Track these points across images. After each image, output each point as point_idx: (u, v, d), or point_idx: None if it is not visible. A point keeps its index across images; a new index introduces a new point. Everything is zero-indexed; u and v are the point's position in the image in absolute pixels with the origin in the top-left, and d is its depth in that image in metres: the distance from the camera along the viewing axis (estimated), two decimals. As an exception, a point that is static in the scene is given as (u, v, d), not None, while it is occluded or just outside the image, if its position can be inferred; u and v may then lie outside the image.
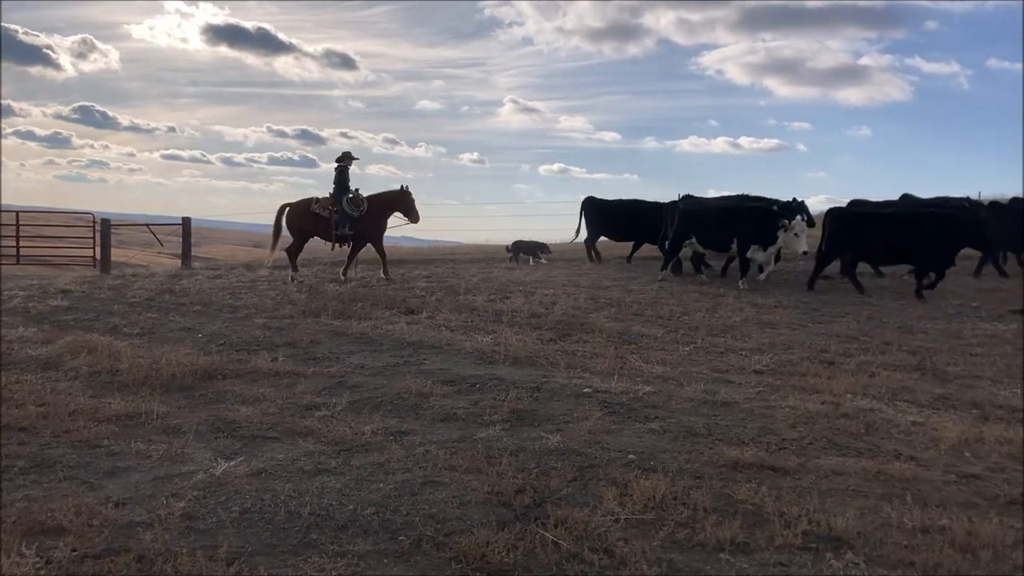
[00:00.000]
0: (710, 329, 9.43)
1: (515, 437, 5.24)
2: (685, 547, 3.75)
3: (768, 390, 6.66)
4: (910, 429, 5.63)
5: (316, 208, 14.10)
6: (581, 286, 13.08)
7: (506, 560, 3.55)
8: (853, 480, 4.61)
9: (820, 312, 11.00)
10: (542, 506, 4.14)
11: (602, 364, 7.31)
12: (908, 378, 7.22)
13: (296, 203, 14.50)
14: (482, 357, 7.50)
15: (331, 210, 14.00)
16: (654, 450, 5.04)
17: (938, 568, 3.56)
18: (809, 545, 3.77)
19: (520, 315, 9.86)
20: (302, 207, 14.30)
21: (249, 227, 73.54)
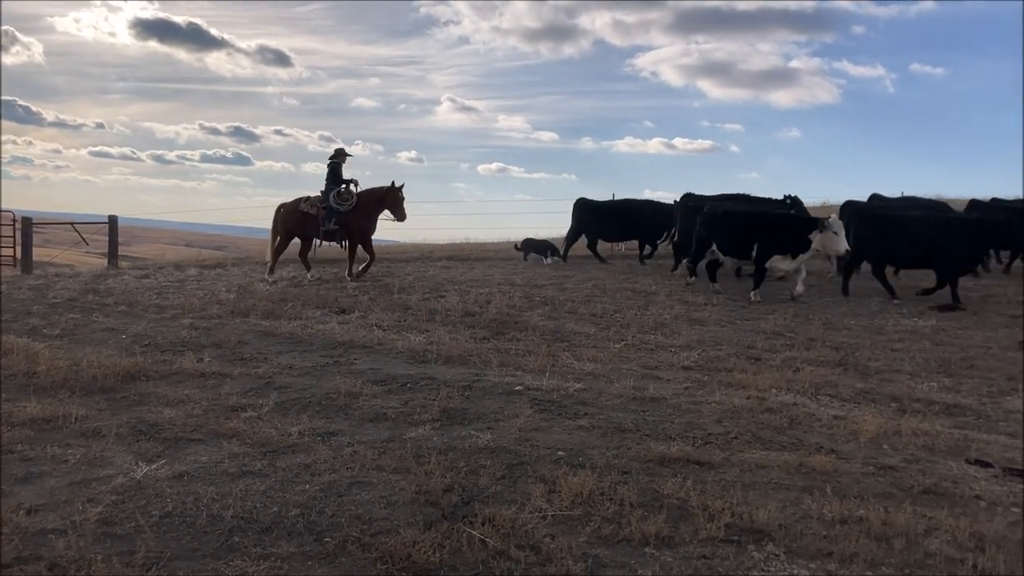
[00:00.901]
0: (641, 326, 9.54)
1: (445, 436, 5.22)
2: (611, 542, 3.78)
3: (696, 386, 6.77)
4: (831, 423, 5.77)
5: (304, 207, 13.83)
6: (516, 285, 13.11)
7: (432, 559, 3.53)
8: (775, 473, 4.70)
9: (748, 309, 11.22)
10: (470, 504, 4.13)
11: (534, 362, 7.34)
12: (831, 373, 7.41)
13: (288, 204, 14.20)
14: (414, 356, 7.47)
15: (319, 207, 13.71)
16: (583, 446, 5.08)
17: (854, 558, 3.66)
18: (732, 537, 3.84)
19: (454, 314, 9.85)
20: (292, 207, 14.02)
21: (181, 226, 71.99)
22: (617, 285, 13.28)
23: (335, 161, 14.14)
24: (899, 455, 5.16)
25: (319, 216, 13.66)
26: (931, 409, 6.30)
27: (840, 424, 5.72)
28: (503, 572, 3.45)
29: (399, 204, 13.80)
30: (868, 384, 7.10)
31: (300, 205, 13.89)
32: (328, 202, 13.62)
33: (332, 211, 13.57)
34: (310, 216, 13.77)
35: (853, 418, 5.85)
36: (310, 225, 13.87)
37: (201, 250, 30.57)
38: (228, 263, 16.60)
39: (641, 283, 13.63)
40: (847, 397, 6.63)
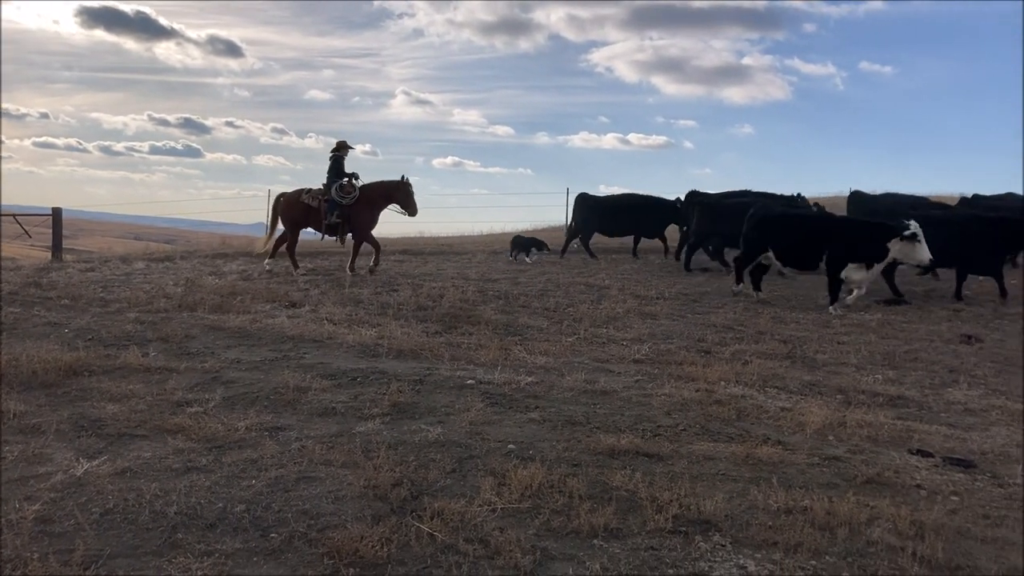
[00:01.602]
0: (593, 320, 9.58)
1: (395, 430, 5.19)
2: (560, 534, 3.79)
3: (646, 379, 6.82)
4: (779, 414, 5.85)
5: (306, 199, 13.65)
6: (470, 279, 13.09)
7: (380, 554, 3.50)
8: (723, 464, 4.76)
9: (699, 303, 11.34)
10: (419, 498, 4.11)
11: (486, 356, 7.33)
12: (779, 366, 7.52)
13: (289, 193, 14.01)
14: (365, 350, 7.41)
15: (320, 199, 13.54)
16: (534, 439, 5.08)
17: (798, 547, 3.71)
18: (679, 528, 3.87)
19: (407, 308, 9.80)
20: (294, 198, 13.82)
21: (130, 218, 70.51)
22: (571, 279, 13.33)
23: (337, 154, 14.01)
24: (844, 446, 5.24)
25: (321, 209, 13.52)
26: (875, 401, 6.43)
27: (787, 416, 5.80)
28: (451, 566, 3.44)
29: (410, 198, 13.72)
30: (815, 376, 7.21)
31: (302, 197, 13.72)
32: (330, 195, 13.47)
33: (334, 204, 13.43)
34: (312, 209, 13.63)
35: (800, 410, 5.94)
36: (312, 217, 13.73)
37: (150, 243, 30.07)
38: (177, 256, 16.29)
39: (595, 277, 13.70)
40: (794, 389, 6.73)
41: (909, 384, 7.10)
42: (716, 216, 15.11)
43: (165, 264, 14.89)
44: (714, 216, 15.17)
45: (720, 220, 14.85)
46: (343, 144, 14.18)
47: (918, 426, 5.78)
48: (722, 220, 14.73)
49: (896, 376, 7.36)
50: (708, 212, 15.38)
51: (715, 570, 3.50)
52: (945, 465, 4.95)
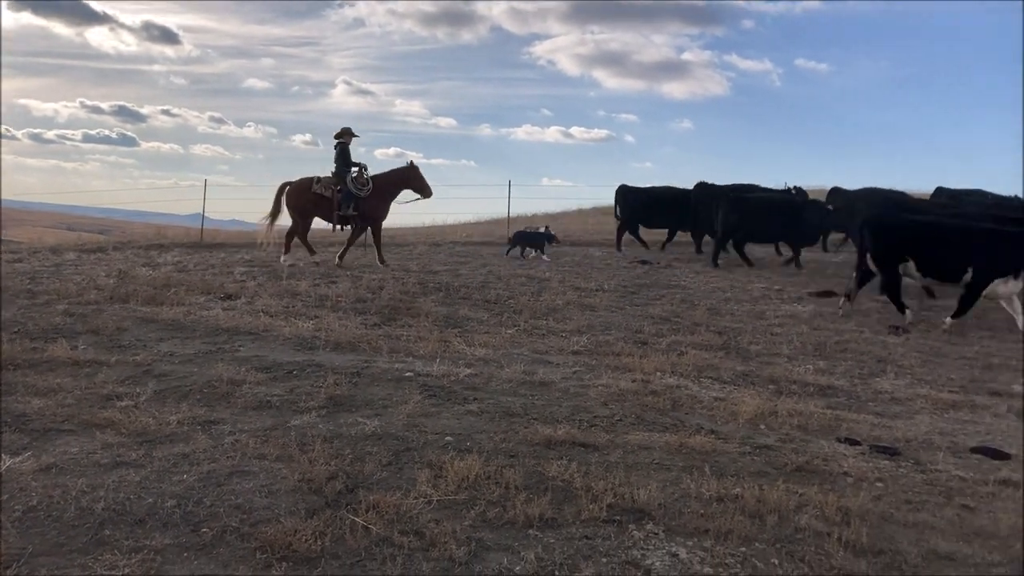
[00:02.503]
0: (534, 312, 9.62)
1: (331, 423, 5.14)
2: (495, 525, 3.80)
3: (584, 370, 6.87)
4: (712, 404, 5.96)
5: (318, 188, 13.37)
6: (411, 271, 13.04)
7: (314, 548, 3.48)
8: (657, 454, 4.82)
9: (638, 295, 11.47)
10: (354, 492, 4.08)
11: (425, 348, 7.31)
12: (714, 356, 7.65)
13: (297, 182, 13.69)
14: (302, 343, 7.32)
15: (334, 189, 13.32)
16: (471, 431, 5.08)
17: (729, 534, 3.78)
18: (613, 518, 3.91)
19: (345, 300, 9.71)
20: (304, 186, 13.51)
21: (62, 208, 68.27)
22: (511, 272, 13.35)
23: (343, 142, 13.81)
24: (775, 435, 5.36)
25: (334, 200, 13.32)
26: (806, 390, 6.59)
27: (720, 406, 5.91)
28: (386, 558, 3.43)
29: (423, 182, 13.81)
30: (748, 367, 7.36)
31: (313, 186, 13.46)
32: (346, 186, 13.31)
33: (350, 196, 13.31)
34: (323, 198, 13.43)
35: (733, 400, 6.05)
36: (322, 207, 13.52)
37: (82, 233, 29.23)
38: (110, 247, 15.90)
39: (536, 270, 13.74)
40: (728, 379, 6.85)
41: (839, 374, 7.28)
42: (746, 211, 15.30)
43: (97, 255, 14.52)
44: (744, 211, 15.30)
45: (749, 216, 15.18)
46: (347, 131, 13.95)
47: (846, 415, 5.94)
48: (752, 216, 15.15)
49: (826, 366, 7.55)
50: (737, 206, 15.47)
51: (648, 558, 3.55)
52: (871, 453, 5.09)
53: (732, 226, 15.27)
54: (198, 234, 19.90)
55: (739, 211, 15.17)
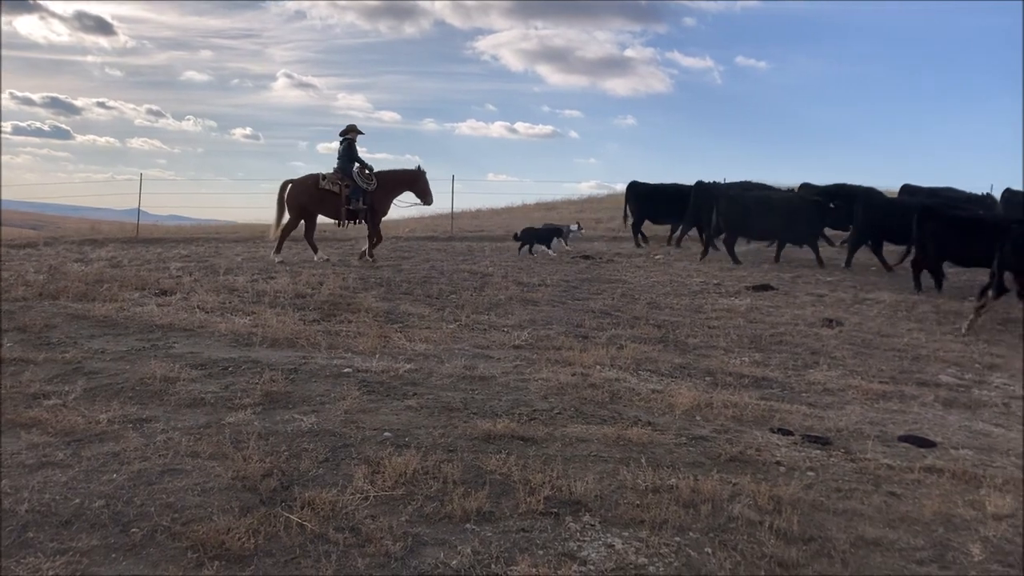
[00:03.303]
0: (476, 307, 9.62)
1: (267, 420, 5.07)
2: (432, 520, 3.79)
3: (525, 364, 6.89)
4: (650, 396, 6.02)
5: (325, 184, 13.35)
6: (352, 266, 12.93)
7: (247, 546, 3.43)
8: (595, 446, 4.86)
9: (579, 290, 11.54)
10: (290, 489, 4.04)
11: (365, 344, 7.25)
12: (652, 350, 7.73)
13: (300, 179, 13.64)
14: (238, 339, 7.21)
15: (342, 185, 13.33)
16: (410, 426, 5.06)
17: (664, 524, 3.83)
18: (551, 510, 3.93)
19: (284, 296, 9.59)
20: (308, 183, 13.46)
21: (-12, 203, 65.91)
22: (455, 267, 13.33)
23: (349, 138, 13.82)
24: (710, 426, 5.44)
25: (342, 194, 13.35)
26: (741, 382, 6.70)
27: (658, 398, 5.98)
28: (320, 555, 3.39)
29: (427, 188, 14.13)
30: (686, 359, 7.45)
31: (320, 183, 13.47)
32: (355, 181, 13.38)
33: (359, 190, 13.41)
34: (330, 194, 13.43)
35: (670, 392, 6.12)
36: (328, 203, 13.49)
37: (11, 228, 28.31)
38: (40, 242, 15.46)
39: (479, 264, 13.74)
40: (666, 372, 6.93)
41: (773, 366, 7.42)
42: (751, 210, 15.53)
43: (27, 251, 14.12)
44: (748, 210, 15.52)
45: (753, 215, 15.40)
46: (353, 127, 14.00)
47: (780, 406, 6.05)
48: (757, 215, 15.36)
49: (762, 358, 7.68)
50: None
51: (584, 549, 3.58)
52: (803, 442, 5.20)
53: (734, 223, 15.50)
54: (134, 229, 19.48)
55: (738, 208, 15.45)
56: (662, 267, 14.45)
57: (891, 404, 6.38)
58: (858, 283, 12.95)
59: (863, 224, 14.83)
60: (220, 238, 17.99)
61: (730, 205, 15.41)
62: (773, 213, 15.35)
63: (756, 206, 15.55)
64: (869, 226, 14.73)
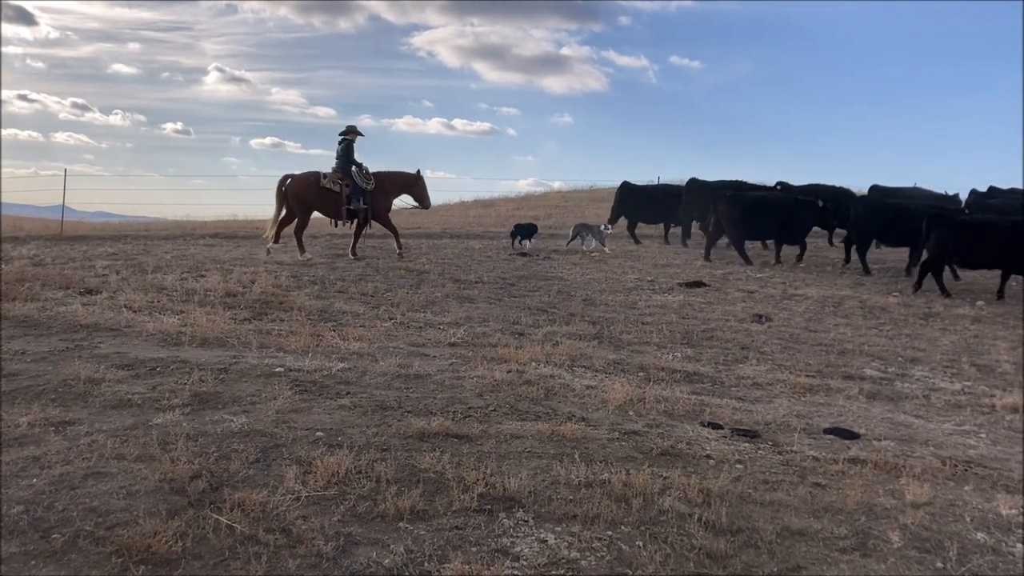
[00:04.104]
0: (411, 305, 9.58)
1: (196, 421, 4.97)
2: (365, 519, 3.77)
3: (460, 361, 6.89)
4: (584, 392, 6.07)
5: (326, 183, 13.54)
6: (285, 264, 12.75)
7: (174, 549, 3.36)
8: (529, 442, 4.88)
9: (516, 287, 11.58)
10: (219, 490, 3.96)
11: (297, 342, 7.16)
12: (587, 346, 7.80)
13: (301, 176, 13.74)
14: (166, 339, 7.05)
15: (342, 184, 13.54)
16: (343, 426, 5.01)
17: (596, 519, 3.87)
18: (484, 507, 3.94)
19: (214, 294, 9.41)
20: (310, 181, 13.60)
21: (-99, 199, 63.14)
22: (390, 264, 13.26)
23: (348, 139, 14.07)
24: (642, 420, 5.52)
25: (342, 194, 13.61)
26: (673, 377, 6.81)
27: (592, 393, 6.04)
28: (250, 557, 3.34)
29: (426, 192, 14.64)
30: (620, 355, 7.54)
31: (321, 181, 13.66)
32: (355, 181, 13.67)
33: (359, 190, 13.71)
34: (330, 192, 13.65)
35: (604, 387, 6.19)
36: (328, 202, 13.72)
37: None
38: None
39: (415, 262, 13.68)
40: (600, 368, 7.01)
41: (705, 361, 7.56)
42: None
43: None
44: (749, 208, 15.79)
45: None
46: (352, 129, 14.26)
47: (711, 400, 6.17)
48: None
49: (693, 354, 7.82)
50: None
51: (517, 545, 3.60)
52: (733, 436, 5.31)
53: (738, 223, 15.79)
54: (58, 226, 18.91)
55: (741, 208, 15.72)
56: (598, 264, 14.58)
57: (817, 397, 6.55)
58: (787, 279, 13.27)
59: (863, 225, 15.09)
60: (150, 235, 17.55)
61: (732, 206, 15.68)
62: (773, 214, 15.66)
63: (757, 207, 15.82)
64: (869, 227, 15.04)
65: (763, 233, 16.54)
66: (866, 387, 6.93)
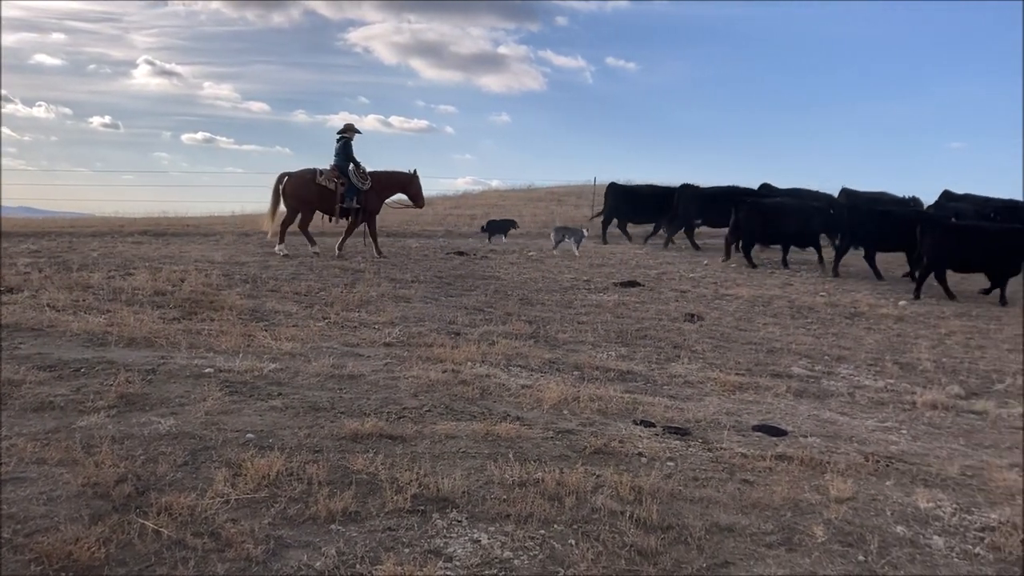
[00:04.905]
0: (346, 304, 9.49)
1: (122, 423, 4.84)
2: (296, 522, 3.73)
3: (395, 361, 6.85)
4: (519, 392, 6.10)
5: (322, 181, 13.69)
6: (216, 262, 12.49)
7: (97, 555, 3.27)
8: (464, 442, 4.89)
9: (453, 286, 11.56)
10: (145, 494, 3.87)
11: (228, 342, 7.03)
12: (523, 345, 7.83)
13: (297, 173, 13.90)
14: (91, 339, 6.84)
15: (337, 182, 13.72)
16: (274, 427, 4.95)
17: (529, 518, 3.89)
18: (418, 508, 3.93)
19: (143, 293, 9.18)
20: (306, 178, 13.75)
21: None
22: (324, 263, 13.10)
23: (346, 137, 14.20)
24: (577, 419, 5.57)
25: (337, 192, 13.80)
26: (607, 376, 6.88)
27: (527, 393, 6.06)
28: (177, 562, 3.28)
29: (420, 191, 14.89)
30: (555, 355, 7.59)
31: (317, 178, 13.80)
32: (350, 180, 13.84)
33: (354, 189, 13.90)
34: (327, 190, 13.83)
35: (539, 387, 6.22)
36: (324, 199, 13.90)
37: None
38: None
39: (351, 261, 13.55)
40: (536, 367, 7.05)
41: (638, 360, 7.66)
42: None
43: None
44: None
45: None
46: (350, 127, 14.40)
47: (643, 398, 6.26)
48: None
49: (627, 352, 7.92)
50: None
51: (450, 546, 3.60)
52: (664, 434, 5.39)
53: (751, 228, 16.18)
54: (-24, 222, 18.20)
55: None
56: (535, 263, 14.64)
57: (747, 395, 6.69)
58: (719, 280, 13.52)
59: (855, 230, 15.57)
60: (76, 232, 17.00)
61: (750, 212, 16.13)
62: (790, 219, 16.15)
63: (774, 213, 16.33)
64: (859, 232, 15.51)
65: (783, 239, 16.92)
66: (793, 385, 7.11)
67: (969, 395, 7.20)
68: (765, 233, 16.22)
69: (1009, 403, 6.97)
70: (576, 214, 23.96)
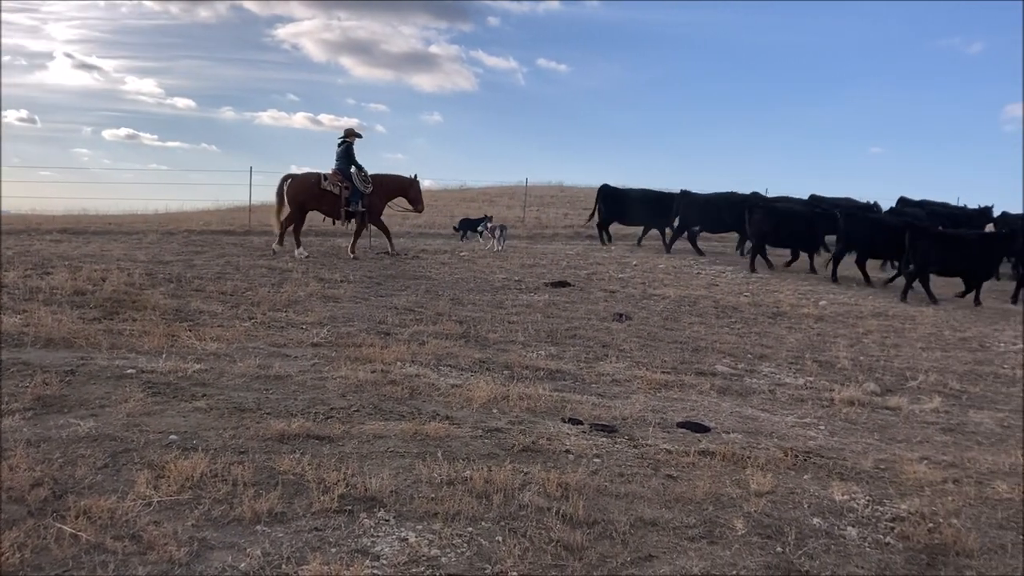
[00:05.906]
0: (273, 304, 9.37)
1: (38, 426, 4.71)
2: (221, 523, 3.68)
3: (323, 362, 6.80)
4: (449, 391, 6.12)
5: (326, 185, 13.95)
6: (139, 261, 12.20)
7: (11, 561, 3.19)
8: (392, 442, 4.88)
9: (383, 286, 11.50)
10: (63, 498, 3.78)
11: (151, 343, 6.89)
12: (454, 345, 7.85)
13: (301, 176, 14.14)
14: (6, 340, 6.63)
15: (341, 186, 13.98)
16: (198, 429, 4.87)
17: (457, 516, 3.92)
18: (345, 508, 3.92)
19: (61, 292, 8.92)
20: (310, 181, 14.01)
21: None
22: (251, 262, 12.91)
23: (348, 141, 14.42)
24: (506, 418, 5.61)
25: (341, 196, 14.07)
26: (537, 375, 6.94)
27: (457, 392, 6.08)
28: (96, 566, 3.21)
29: (420, 195, 15.33)
30: (486, 354, 7.63)
31: (321, 183, 14.06)
32: (355, 183, 14.13)
33: (359, 193, 14.22)
34: (329, 194, 14.09)
35: (469, 386, 6.25)
36: (327, 202, 14.16)
37: None
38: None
39: (278, 260, 13.38)
40: (466, 367, 7.07)
41: (567, 359, 7.74)
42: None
43: None
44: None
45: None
46: (351, 131, 14.61)
47: (572, 396, 6.34)
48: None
49: (557, 352, 8.00)
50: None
51: (377, 545, 3.60)
52: (592, 431, 5.47)
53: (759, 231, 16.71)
54: None
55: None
56: (467, 264, 14.66)
57: (672, 393, 6.83)
58: (647, 280, 13.74)
59: (849, 237, 16.01)
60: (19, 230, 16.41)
61: (764, 217, 16.62)
62: (797, 224, 16.67)
63: (784, 218, 16.84)
64: (854, 240, 15.95)
65: (788, 243, 17.31)
66: (717, 383, 7.27)
67: (884, 392, 7.47)
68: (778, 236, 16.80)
69: (921, 399, 7.25)
70: (508, 215, 24.05)
